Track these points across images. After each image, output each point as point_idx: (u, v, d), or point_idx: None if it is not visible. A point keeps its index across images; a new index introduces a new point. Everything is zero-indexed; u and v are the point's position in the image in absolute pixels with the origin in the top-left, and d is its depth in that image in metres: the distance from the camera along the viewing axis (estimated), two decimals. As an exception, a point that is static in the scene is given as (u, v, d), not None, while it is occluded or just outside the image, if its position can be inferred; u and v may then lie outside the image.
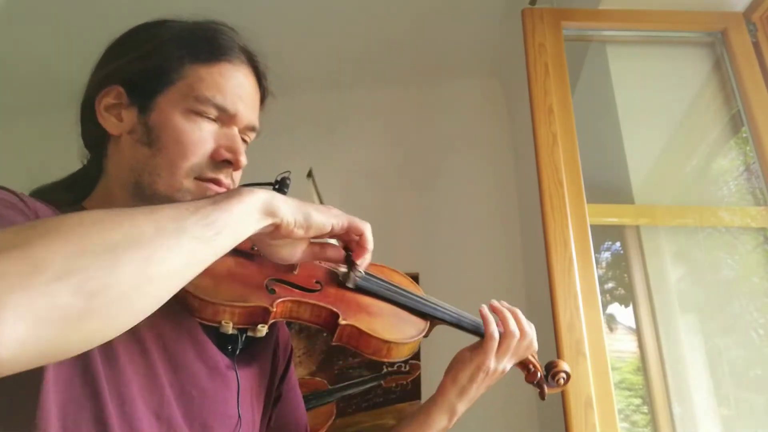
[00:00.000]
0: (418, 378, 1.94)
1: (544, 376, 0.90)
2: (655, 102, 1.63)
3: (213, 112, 0.68)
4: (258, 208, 0.57)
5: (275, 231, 0.60)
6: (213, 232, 0.50)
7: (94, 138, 0.71)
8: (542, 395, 0.91)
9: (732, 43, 1.53)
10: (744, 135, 1.51)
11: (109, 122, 0.69)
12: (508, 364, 0.85)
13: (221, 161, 0.68)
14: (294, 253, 0.66)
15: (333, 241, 0.71)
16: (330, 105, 2.34)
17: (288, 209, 0.59)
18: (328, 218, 0.63)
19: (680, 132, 1.60)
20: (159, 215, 0.47)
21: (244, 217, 0.54)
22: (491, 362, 0.82)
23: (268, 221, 0.58)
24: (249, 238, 0.58)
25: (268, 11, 1.93)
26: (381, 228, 2.49)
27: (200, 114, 0.67)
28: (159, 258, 0.45)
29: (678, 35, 1.63)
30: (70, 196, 0.72)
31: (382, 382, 1.96)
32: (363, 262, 0.69)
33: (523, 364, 0.90)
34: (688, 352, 1.40)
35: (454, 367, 0.85)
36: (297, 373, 0.90)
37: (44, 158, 0.76)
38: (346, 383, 1.97)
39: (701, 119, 1.61)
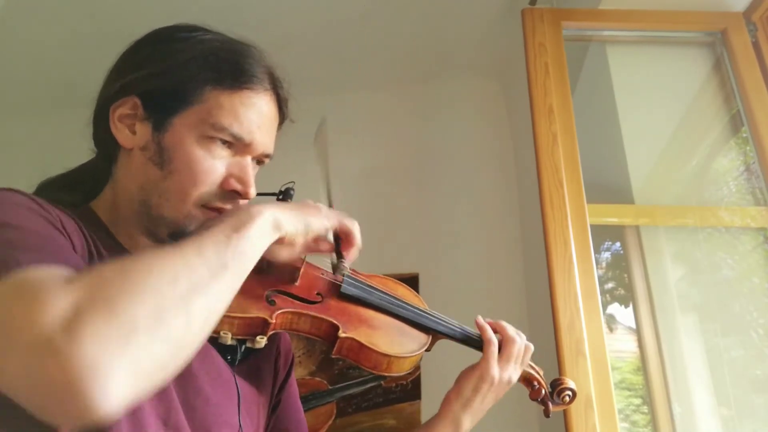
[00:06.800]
0: (418, 378, 1.94)
1: (549, 393, 0.89)
2: (655, 102, 1.63)
3: (228, 140, 0.68)
4: (269, 226, 0.60)
5: (279, 240, 0.63)
6: (243, 262, 0.55)
7: (106, 144, 0.71)
8: (547, 413, 0.89)
9: (732, 43, 1.53)
10: (744, 135, 1.51)
11: (122, 134, 0.68)
12: (513, 374, 0.83)
13: (230, 191, 0.68)
14: (292, 252, 0.69)
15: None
16: (329, 105, 2.33)
17: (290, 220, 0.63)
18: (323, 221, 0.68)
19: (680, 132, 1.60)
20: (205, 253, 0.51)
21: (261, 239, 0.59)
22: (494, 370, 0.80)
23: (277, 236, 0.62)
24: None
25: (266, 12, 1.93)
26: (381, 228, 2.50)
27: (215, 141, 0.67)
28: (217, 299, 0.50)
29: (678, 35, 1.63)
30: (78, 196, 0.72)
31: (382, 382, 1.96)
32: (350, 255, 0.72)
33: (527, 381, 0.89)
34: (688, 352, 1.40)
35: (458, 380, 0.84)
36: (297, 373, 0.90)
37: (44, 158, 0.76)
38: (346, 383, 1.97)
39: (701, 119, 1.61)
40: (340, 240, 0.72)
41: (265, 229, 0.59)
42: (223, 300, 0.52)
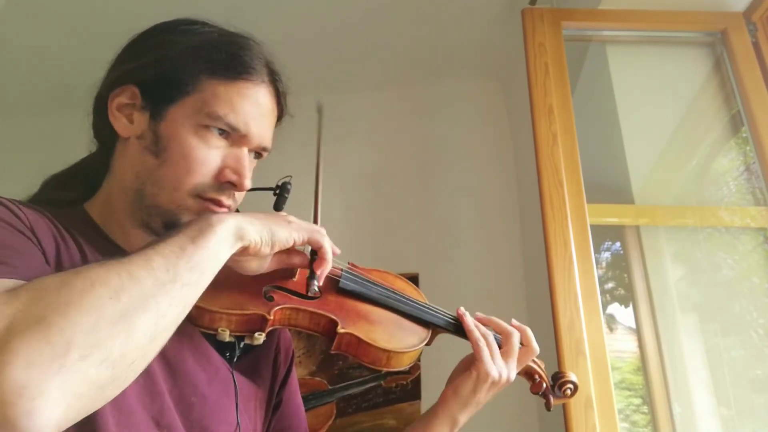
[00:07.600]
0: (418, 378, 1.94)
1: (550, 386, 0.89)
2: (655, 102, 1.63)
3: (224, 130, 0.67)
4: (231, 235, 0.58)
5: (244, 251, 0.61)
6: (198, 273, 0.53)
7: (104, 134, 0.71)
8: (548, 406, 0.89)
9: (732, 43, 1.53)
10: (744, 135, 1.51)
11: (119, 123, 0.68)
12: (511, 371, 0.82)
13: (225, 182, 0.68)
14: (262, 264, 0.67)
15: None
16: (330, 106, 2.33)
17: (254, 230, 0.61)
18: (290, 233, 0.65)
19: (680, 132, 1.60)
20: (154, 266, 0.49)
21: (219, 248, 0.56)
22: (491, 369, 0.79)
23: (239, 245, 0.59)
24: None
25: (266, 12, 1.93)
26: (381, 228, 2.49)
27: (211, 131, 0.67)
28: (163, 314, 0.48)
29: (678, 35, 1.63)
30: (78, 192, 0.72)
31: (382, 382, 1.96)
32: (322, 272, 0.69)
33: (528, 374, 0.88)
34: (688, 352, 1.40)
35: (455, 378, 0.83)
36: (297, 373, 0.89)
37: (44, 158, 0.76)
38: (346, 383, 1.97)
39: (701, 119, 1.61)
40: (316, 256, 0.69)
41: (226, 239, 0.57)
42: (173, 314, 0.50)
